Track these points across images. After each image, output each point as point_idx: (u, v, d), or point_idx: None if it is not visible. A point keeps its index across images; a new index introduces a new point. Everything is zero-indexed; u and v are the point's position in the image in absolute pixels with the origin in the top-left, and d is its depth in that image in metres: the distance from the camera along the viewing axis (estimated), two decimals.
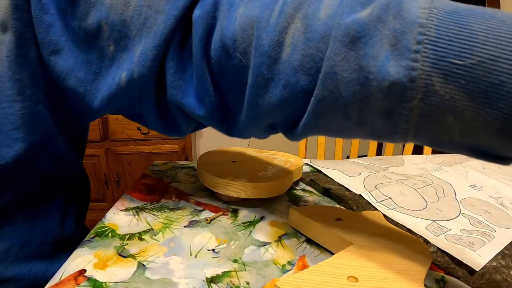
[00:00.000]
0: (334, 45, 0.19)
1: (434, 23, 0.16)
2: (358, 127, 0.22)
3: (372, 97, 0.19)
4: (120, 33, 0.26)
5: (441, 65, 0.16)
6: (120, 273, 0.27)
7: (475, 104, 0.16)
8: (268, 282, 0.27)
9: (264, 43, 0.22)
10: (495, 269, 0.28)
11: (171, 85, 0.28)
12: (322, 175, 0.50)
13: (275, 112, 0.25)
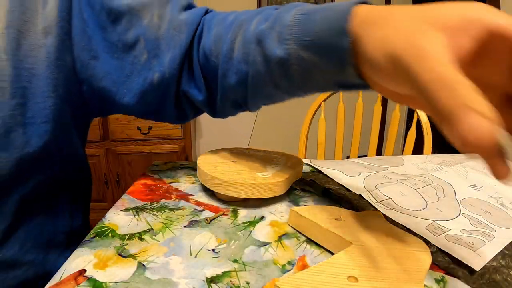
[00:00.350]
0: (252, 45, 0.32)
1: (295, 21, 0.29)
2: (275, 88, 0.34)
3: (273, 68, 0.31)
4: (153, 45, 0.36)
5: (300, 44, 0.28)
6: (120, 273, 0.27)
7: (320, 58, 0.28)
8: (268, 282, 0.27)
9: (224, 49, 0.35)
10: (495, 269, 0.28)
11: (183, 81, 0.39)
12: (322, 175, 0.50)
13: (234, 90, 0.37)
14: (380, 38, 0.21)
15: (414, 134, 0.94)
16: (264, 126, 2.45)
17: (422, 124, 0.92)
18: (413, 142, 0.95)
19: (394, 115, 0.99)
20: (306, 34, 0.27)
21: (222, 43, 0.35)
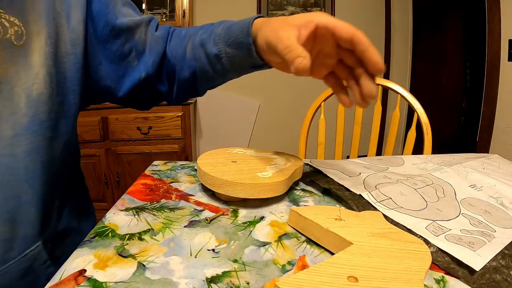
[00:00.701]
0: (198, 49, 0.47)
1: (222, 31, 0.44)
2: (214, 73, 0.47)
3: (212, 60, 0.45)
4: (141, 54, 0.48)
5: (225, 44, 0.43)
6: (120, 273, 0.27)
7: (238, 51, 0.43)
8: (268, 282, 0.27)
9: (180, 53, 0.49)
10: (495, 269, 0.28)
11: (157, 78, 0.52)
12: (322, 175, 0.50)
13: (187, 80, 0.50)
14: (263, 34, 0.38)
15: (414, 134, 0.94)
16: (264, 126, 2.45)
17: (422, 124, 0.91)
18: (413, 142, 0.95)
19: (394, 115, 0.99)
20: (228, 38, 0.43)
21: (178, 49, 0.49)
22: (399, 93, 0.98)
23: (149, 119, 1.78)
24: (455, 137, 2.87)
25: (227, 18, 0.49)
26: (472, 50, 2.67)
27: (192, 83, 0.51)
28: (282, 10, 2.34)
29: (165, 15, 1.96)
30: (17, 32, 0.35)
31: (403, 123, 2.65)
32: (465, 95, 2.83)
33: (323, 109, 1.05)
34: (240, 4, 2.28)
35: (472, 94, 2.65)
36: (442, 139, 2.71)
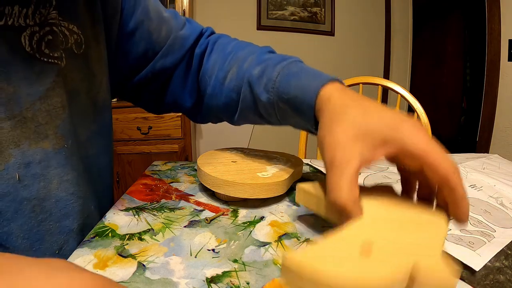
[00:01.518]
0: (244, 84, 0.43)
1: (278, 79, 0.38)
2: (260, 118, 0.45)
3: (259, 105, 0.42)
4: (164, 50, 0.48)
5: (279, 97, 0.38)
6: (120, 273, 0.27)
7: (292, 111, 0.38)
8: (268, 282, 0.27)
9: (219, 75, 0.46)
10: (498, 270, 0.28)
11: (176, 81, 0.51)
12: (323, 176, 0.50)
13: (220, 110, 0.49)
14: (325, 124, 0.31)
15: None
16: (264, 126, 2.45)
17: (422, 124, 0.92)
18: None
19: None
20: (284, 93, 0.37)
21: (218, 69, 0.47)
22: (399, 93, 0.98)
23: (149, 119, 1.78)
24: (455, 137, 2.87)
25: (227, 18, 0.49)
26: (472, 50, 2.67)
27: (226, 114, 0.49)
28: (282, 10, 2.34)
29: None
30: (76, 40, 0.36)
31: None
32: (465, 95, 2.84)
33: None
34: (240, 4, 2.28)
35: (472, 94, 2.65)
36: (442, 139, 2.71)
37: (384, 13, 2.55)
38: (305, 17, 2.38)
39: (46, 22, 0.32)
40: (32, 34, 0.31)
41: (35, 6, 0.31)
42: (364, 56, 2.56)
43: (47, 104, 0.33)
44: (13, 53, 0.30)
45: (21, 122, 0.31)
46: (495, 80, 1.84)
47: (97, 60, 0.40)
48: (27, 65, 0.31)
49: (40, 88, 0.32)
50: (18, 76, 0.30)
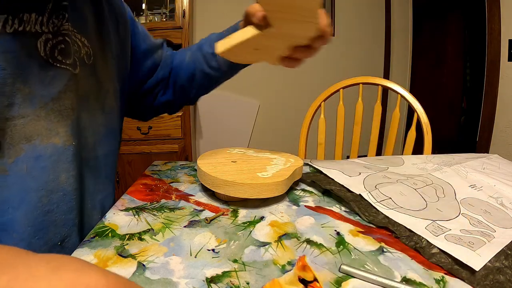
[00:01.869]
0: (196, 52, 0.57)
1: (217, 35, 0.55)
2: (213, 74, 0.55)
3: (207, 60, 0.55)
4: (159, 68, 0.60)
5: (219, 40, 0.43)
6: (120, 273, 0.27)
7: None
8: (268, 282, 0.27)
9: (181, 60, 0.59)
10: (498, 270, 0.28)
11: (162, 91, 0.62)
12: (323, 176, 0.50)
13: (185, 84, 0.58)
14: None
15: (414, 134, 0.94)
16: (264, 126, 2.45)
17: (422, 124, 0.91)
18: (413, 142, 0.95)
19: (394, 115, 0.99)
20: (221, 37, 0.49)
21: (181, 58, 0.59)
22: (399, 93, 0.98)
23: None
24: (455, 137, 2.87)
25: (227, 18, 0.50)
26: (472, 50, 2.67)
27: (189, 85, 0.58)
28: None
29: (165, 15, 1.96)
30: (87, 52, 0.40)
31: (403, 123, 2.65)
32: (465, 95, 2.83)
33: (323, 109, 1.05)
34: (240, 4, 2.28)
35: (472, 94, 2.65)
36: (442, 139, 2.71)
37: (384, 13, 2.55)
38: None
39: (59, 31, 0.36)
40: (46, 40, 0.34)
41: (49, 14, 0.34)
42: (364, 56, 2.56)
43: (59, 104, 0.36)
44: (30, 58, 0.33)
45: (34, 120, 0.34)
46: (495, 80, 1.84)
47: (104, 72, 0.44)
48: (42, 69, 0.34)
49: (53, 90, 0.35)
50: (34, 79, 0.33)
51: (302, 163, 0.49)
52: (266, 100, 2.42)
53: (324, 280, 0.27)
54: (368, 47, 2.56)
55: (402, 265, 0.30)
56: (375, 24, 2.56)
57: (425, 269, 0.29)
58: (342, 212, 0.41)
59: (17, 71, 0.31)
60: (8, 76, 0.31)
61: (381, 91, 1.02)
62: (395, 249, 0.32)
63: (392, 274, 0.28)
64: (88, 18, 0.41)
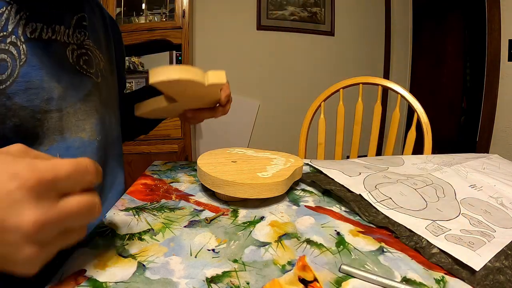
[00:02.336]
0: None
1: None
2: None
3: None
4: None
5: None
6: (120, 273, 0.27)
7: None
8: (268, 282, 0.27)
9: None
10: (498, 270, 0.28)
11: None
12: (323, 176, 0.50)
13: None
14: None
15: (414, 134, 0.94)
16: (264, 126, 2.45)
17: (422, 124, 0.91)
18: (413, 142, 0.95)
19: (394, 115, 0.99)
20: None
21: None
22: (399, 93, 0.98)
23: None
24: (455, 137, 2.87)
25: (227, 18, 0.50)
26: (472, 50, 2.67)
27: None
28: (282, 10, 2.34)
29: (164, 15, 1.96)
30: (104, 66, 0.47)
31: (403, 123, 2.65)
32: (465, 95, 2.83)
33: (323, 109, 1.05)
34: (240, 4, 2.28)
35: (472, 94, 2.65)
36: (442, 139, 2.71)
37: (384, 13, 2.55)
38: (305, 17, 2.38)
39: (82, 45, 0.42)
40: (73, 50, 0.41)
41: (73, 29, 0.41)
42: (364, 56, 2.56)
43: (85, 105, 0.42)
44: (62, 62, 0.39)
45: (66, 116, 0.40)
46: (495, 80, 1.84)
47: (113, 86, 0.51)
48: (72, 73, 0.40)
49: (81, 93, 0.42)
50: (66, 80, 0.39)
51: (302, 163, 0.49)
52: (266, 100, 2.42)
53: (324, 280, 0.27)
54: (368, 47, 2.56)
55: (402, 265, 0.30)
56: (375, 24, 2.56)
57: (425, 269, 0.29)
58: (342, 212, 0.41)
59: (53, 71, 0.37)
60: (45, 75, 0.36)
61: (381, 91, 1.02)
62: (395, 249, 0.32)
63: (392, 274, 0.28)
64: (101, 38, 0.48)
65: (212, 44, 2.26)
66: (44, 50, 0.36)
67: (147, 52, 2.16)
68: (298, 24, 2.37)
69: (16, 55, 0.33)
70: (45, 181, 0.21)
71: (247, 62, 2.35)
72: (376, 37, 2.58)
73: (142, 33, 1.89)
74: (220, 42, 2.26)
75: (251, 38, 2.32)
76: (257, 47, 2.34)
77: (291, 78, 2.43)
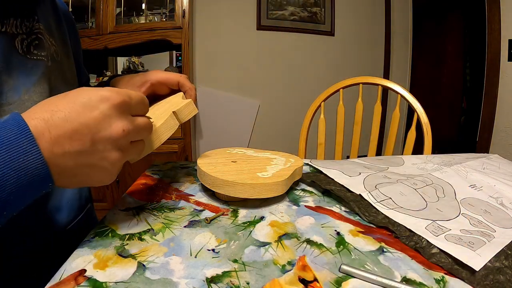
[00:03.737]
0: None
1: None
2: None
3: None
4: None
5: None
6: (120, 273, 0.27)
7: None
8: (268, 282, 0.27)
9: None
10: (498, 270, 0.28)
11: None
12: (323, 176, 0.50)
13: None
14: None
15: (414, 134, 0.94)
16: (264, 126, 2.45)
17: (422, 124, 0.91)
18: (413, 142, 0.95)
19: (394, 115, 0.99)
20: None
21: None
22: (399, 93, 0.98)
23: None
24: (455, 137, 2.87)
25: (227, 18, 0.50)
26: (472, 50, 2.67)
27: None
28: (282, 10, 2.34)
29: (164, 15, 1.96)
30: (55, 51, 0.46)
31: (403, 123, 2.65)
32: (465, 95, 2.83)
33: (323, 109, 1.05)
34: (240, 4, 2.28)
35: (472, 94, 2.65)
36: (442, 139, 2.71)
37: (384, 13, 2.55)
38: (305, 17, 2.38)
39: (32, 31, 0.41)
40: (22, 40, 0.40)
41: (21, 19, 0.40)
42: (364, 56, 2.56)
43: (40, 88, 0.41)
44: (11, 53, 0.38)
45: (20, 104, 0.38)
46: (495, 80, 1.84)
47: (69, 71, 0.50)
48: (22, 63, 0.39)
49: (34, 78, 0.41)
50: (16, 72, 0.38)
51: (302, 163, 0.49)
52: (266, 100, 2.42)
53: (324, 280, 0.27)
54: (368, 47, 2.56)
55: (402, 265, 0.30)
56: (375, 24, 2.56)
57: (425, 269, 0.29)
58: (342, 212, 0.41)
59: (3, 64, 0.37)
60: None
61: (381, 91, 1.02)
62: (395, 249, 0.32)
63: (392, 274, 0.28)
64: (51, 23, 0.47)
65: (212, 44, 2.26)
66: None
67: (147, 52, 2.16)
68: (298, 24, 2.37)
69: None
70: (126, 102, 0.29)
71: (247, 62, 2.35)
72: (376, 37, 2.58)
73: (142, 33, 1.89)
74: (220, 42, 2.26)
75: (251, 38, 2.32)
76: (257, 47, 2.34)
77: (291, 78, 2.43)
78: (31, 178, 0.24)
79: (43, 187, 0.26)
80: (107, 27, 1.88)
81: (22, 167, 0.23)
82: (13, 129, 0.24)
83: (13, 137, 0.23)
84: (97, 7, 1.86)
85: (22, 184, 0.24)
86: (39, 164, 0.24)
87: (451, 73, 2.85)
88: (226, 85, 2.31)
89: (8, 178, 0.23)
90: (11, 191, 0.23)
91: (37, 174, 0.24)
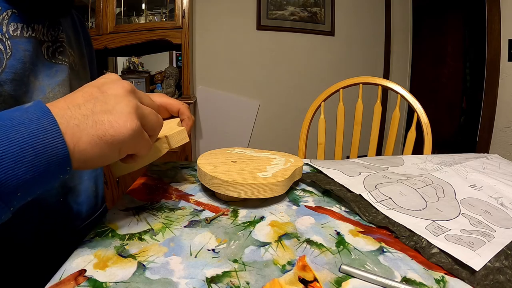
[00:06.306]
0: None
1: None
2: None
3: None
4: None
5: None
6: (120, 273, 0.27)
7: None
8: (268, 282, 0.27)
9: None
10: (498, 270, 0.28)
11: None
12: (323, 176, 0.50)
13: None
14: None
15: (414, 134, 0.94)
16: (264, 126, 2.45)
17: (422, 124, 0.91)
18: (413, 142, 0.95)
19: (394, 115, 0.99)
20: None
21: None
22: (399, 93, 0.98)
23: None
24: (455, 137, 2.87)
25: (227, 18, 0.49)
26: (472, 50, 2.67)
27: None
28: (282, 10, 2.34)
29: (164, 15, 1.96)
30: (74, 61, 0.49)
31: (403, 123, 2.65)
32: (465, 95, 2.83)
33: (323, 109, 1.05)
34: (240, 4, 2.28)
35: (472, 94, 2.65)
36: (442, 139, 2.71)
37: (384, 13, 2.55)
38: (305, 17, 2.38)
39: (57, 40, 0.45)
40: (48, 47, 0.44)
41: (47, 28, 0.44)
42: (364, 56, 2.56)
43: (63, 88, 0.45)
44: (38, 58, 0.42)
45: (45, 102, 0.40)
46: (495, 80, 1.84)
47: (85, 81, 0.51)
48: (47, 67, 0.43)
49: (58, 79, 0.44)
50: (42, 74, 0.42)
51: (302, 163, 0.49)
52: (266, 100, 2.42)
53: (324, 280, 0.27)
54: (368, 47, 2.56)
55: (402, 265, 0.30)
56: (375, 24, 2.56)
57: (425, 269, 0.29)
58: (342, 212, 0.41)
59: (31, 66, 0.40)
60: (26, 69, 0.39)
61: (381, 91, 1.02)
62: (395, 249, 0.32)
63: (392, 274, 0.28)
64: (71, 35, 0.51)
65: (212, 44, 2.26)
66: (26, 46, 0.40)
67: (147, 52, 2.16)
68: (298, 24, 2.37)
69: (3, 49, 0.38)
70: (136, 91, 0.33)
71: (247, 62, 2.35)
72: (376, 37, 2.58)
73: (142, 33, 1.89)
74: (220, 42, 2.26)
75: (251, 38, 2.32)
76: (257, 47, 2.35)
77: (291, 78, 2.43)
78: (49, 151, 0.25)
79: (63, 164, 0.26)
80: (107, 27, 1.88)
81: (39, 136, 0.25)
82: (35, 112, 0.26)
83: (34, 118, 0.26)
84: (97, 7, 1.86)
85: (40, 161, 0.25)
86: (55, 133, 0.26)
87: (451, 73, 2.85)
88: (226, 85, 2.31)
89: (25, 154, 0.24)
90: (28, 169, 0.24)
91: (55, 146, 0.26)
